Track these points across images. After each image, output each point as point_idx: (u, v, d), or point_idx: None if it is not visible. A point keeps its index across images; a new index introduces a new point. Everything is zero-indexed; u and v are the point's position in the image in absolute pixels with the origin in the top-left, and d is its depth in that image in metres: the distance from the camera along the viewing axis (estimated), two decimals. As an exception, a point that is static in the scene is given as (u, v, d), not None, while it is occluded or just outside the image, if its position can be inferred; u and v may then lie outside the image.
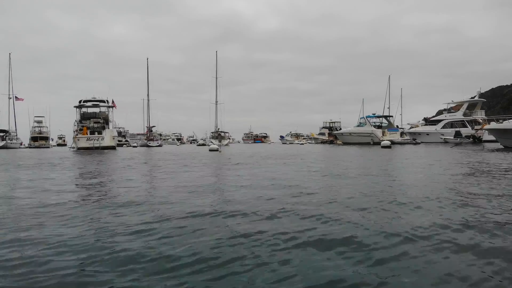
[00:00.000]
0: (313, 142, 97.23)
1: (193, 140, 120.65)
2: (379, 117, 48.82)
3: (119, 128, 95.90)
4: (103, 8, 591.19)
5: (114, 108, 41.90)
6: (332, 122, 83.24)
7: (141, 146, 66.25)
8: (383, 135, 45.16)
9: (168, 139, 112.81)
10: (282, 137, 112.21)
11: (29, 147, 59.10)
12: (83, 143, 37.59)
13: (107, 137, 38.61)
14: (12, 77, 60.03)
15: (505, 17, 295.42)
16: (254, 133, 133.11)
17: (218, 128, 72.11)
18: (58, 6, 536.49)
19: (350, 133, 48.07)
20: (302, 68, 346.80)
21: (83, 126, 39.26)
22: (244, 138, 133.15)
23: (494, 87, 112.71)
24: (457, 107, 52.50)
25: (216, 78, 75.50)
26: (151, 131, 71.02)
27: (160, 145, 65.64)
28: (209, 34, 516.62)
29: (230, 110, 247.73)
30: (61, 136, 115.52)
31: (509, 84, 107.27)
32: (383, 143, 31.05)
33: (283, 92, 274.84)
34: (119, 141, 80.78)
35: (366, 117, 47.26)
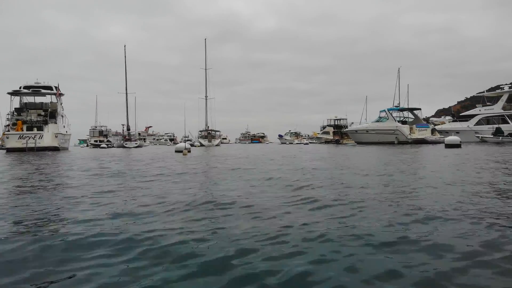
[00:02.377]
0: (315, 141, 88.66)
1: (187, 140, 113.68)
2: (403, 109, 38.78)
3: (101, 127, 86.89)
4: (100, 8, 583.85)
5: (58, 97, 32.14)
6: (337, 119, 73.57)
7: (118, 147, 56.55)
8: (410, 132, 35.43)
9: (161, 139, 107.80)
10: (280, 136, 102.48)
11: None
12: (14, 143, 27.83)
13: (48, 135, 28.84)
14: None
15: (503, 17, 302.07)
16: (252, 133, 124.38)
17: (208, 126, 62.33)
18: (55, 6, 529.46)
19: (367, 131, 38.24)
20: (301, 68, 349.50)
21: (17, 120, 29.47)
22: (241, 138, 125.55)
23: (493, 86, 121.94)
24: (495, 99, 42.81)
25: (206, 69, 66.00)
26: (129, 129, 61.27)
27: (139, 146, 55.76)
28: (207, 34, 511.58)
29: (228, 110, 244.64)
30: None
31: (508, 83, 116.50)
32: (448, 139, 21.27)
33: (281, 92, 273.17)
34: (100, 141, 72.25)
35: (388, 110, 37.33)
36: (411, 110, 38.47)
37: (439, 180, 6.20)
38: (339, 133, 71.21)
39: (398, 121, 36.97)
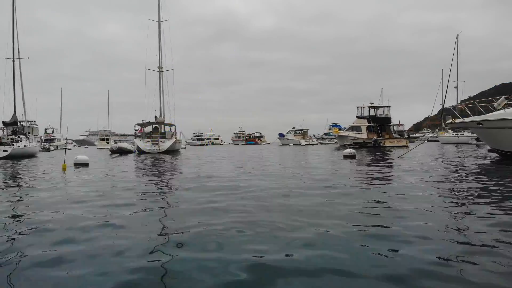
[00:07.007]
0: (334, 142, 62.18)
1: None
2: None
3: (24, 121, 60.50)
4: (96, 7, 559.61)
5: None
6: (375, 108, 46.74)
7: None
8: None
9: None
10: (281, 135, 76.64)
11: None
12: None
13: None
14: None
15: (503, 16, 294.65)
16: (247, 132, 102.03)
17: (157, 117, 35.31)
18: (50, 5, 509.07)
19: None
20: (299, 67, 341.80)
21: None
22: (234, 139, 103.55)
23: (497, 84, 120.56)
24: None
25: (159, 22, 39.11)
26: (16, 124, 34.47)
27: (18, 155, 28.74)
28: (204, 33, 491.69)
29: (225, 110, 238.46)
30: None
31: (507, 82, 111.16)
32: None
33: (279, 92, 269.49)
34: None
35: None
36: None
37: None
38: (377, 129, 44.43)
39: None
